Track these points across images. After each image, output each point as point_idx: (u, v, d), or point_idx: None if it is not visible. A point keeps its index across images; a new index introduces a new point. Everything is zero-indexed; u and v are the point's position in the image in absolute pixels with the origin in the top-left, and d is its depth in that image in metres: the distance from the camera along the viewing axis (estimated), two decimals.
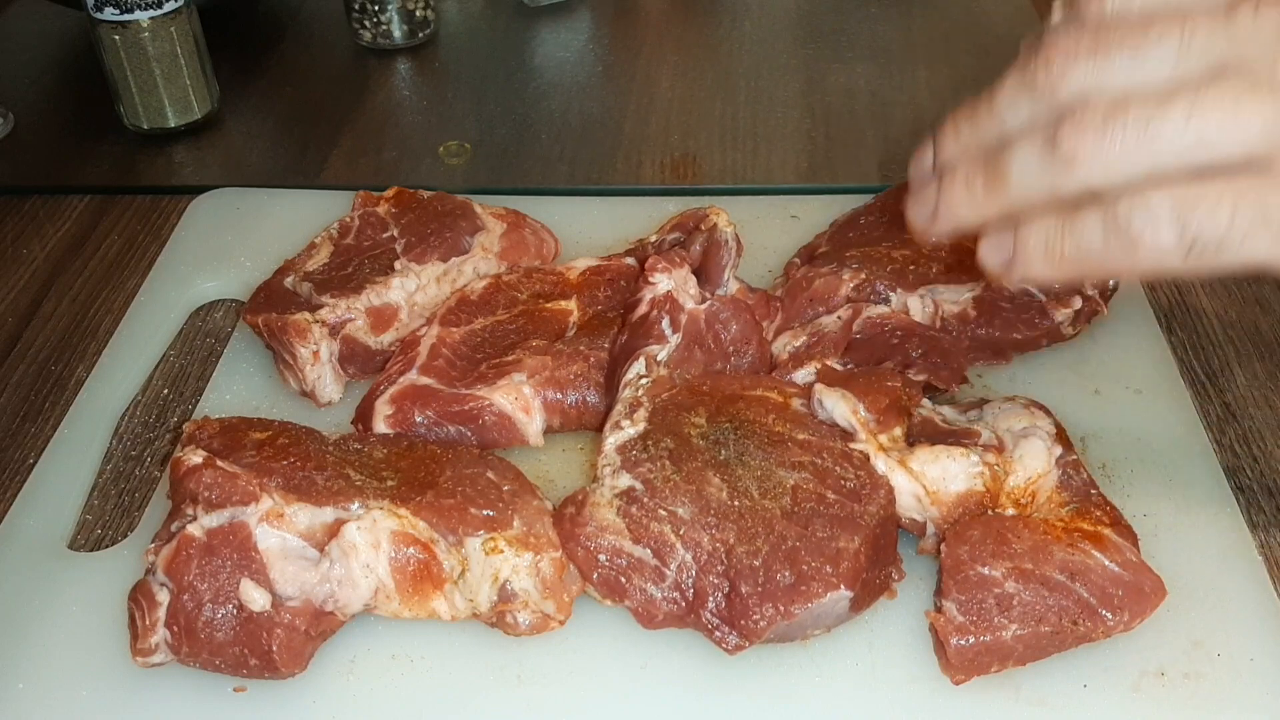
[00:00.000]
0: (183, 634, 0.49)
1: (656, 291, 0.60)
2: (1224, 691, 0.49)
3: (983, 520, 0.52)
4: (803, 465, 0.54)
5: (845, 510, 0.52)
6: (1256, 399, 0.65)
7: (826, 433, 0.55)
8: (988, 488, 0.53)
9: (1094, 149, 0.40)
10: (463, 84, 0.97)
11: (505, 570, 0.51)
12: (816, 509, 0.52)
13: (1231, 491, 0.58)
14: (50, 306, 0.75)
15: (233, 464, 0.52)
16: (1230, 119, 0.38)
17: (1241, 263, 0.39)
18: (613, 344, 0.61)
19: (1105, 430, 0.61)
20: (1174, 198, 0.39)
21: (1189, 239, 0.39)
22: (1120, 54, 0.41)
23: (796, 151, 0.87)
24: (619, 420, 0.56)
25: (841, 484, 0.53)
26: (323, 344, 0.62)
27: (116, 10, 0.83)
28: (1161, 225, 0.39)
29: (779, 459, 0.54)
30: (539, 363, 0.60)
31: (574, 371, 0.60)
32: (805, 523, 0.51)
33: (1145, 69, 0.40)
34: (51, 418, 0.66)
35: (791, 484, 0.53)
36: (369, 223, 0.69)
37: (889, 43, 1.00)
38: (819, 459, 0.54)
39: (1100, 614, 0.49)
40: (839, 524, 0.51)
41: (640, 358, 0.59)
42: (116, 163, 0.88)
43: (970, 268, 0.62)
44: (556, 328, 0.64)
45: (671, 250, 0.62)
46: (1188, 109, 0.39)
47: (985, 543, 0.51)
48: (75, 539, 0.59)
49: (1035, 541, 0.51)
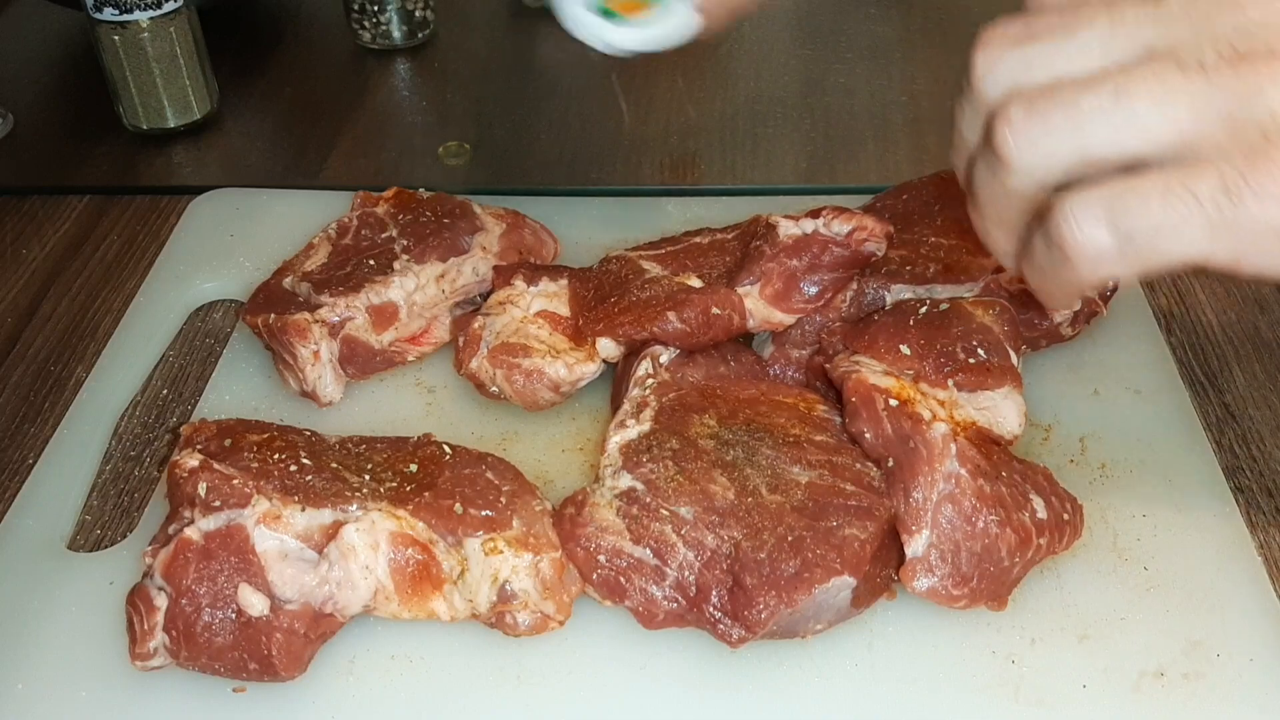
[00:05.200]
0: (181, 638, 0.49)
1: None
2: (1224, 691, 0.49)
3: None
4: (819, 464, 0.53)
5: (862, 501, 0.51)
6: (1256, 399, 0.65)
7: (848, 438, 0.55)
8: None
9: (1024, 139, 0.39)
10: (463, 84, 0.97)
11: (505, 571, 0.51)
12: (831, 502, 0.51)
13: (1231, 491, 0.58)
14: (49, 307, 0.75)
15: (230, 466, 0.52)
16: (1158, 100, 0.37)
17: (1180, 258, 0.38)
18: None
19: (1105, 430, 0.61)
20: (1103, 195, 0.38)
21: (1122, 235, 0.38)
22: (1048, 41, 0.40)
23: (796, 151, 0.87)
24: (624, 420, 0.56)
25: (862, 478, 0.53)
26: (323, 344, 0.62)
27: (116, 10, 0.83)
28: (1094, 224, 0.38)
29: (793, 458, 0.53)
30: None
31: None
32: (817, 515, 0.51)
33: (1073, 56, 0.39)
34: (51, 418, 0.66)
35: (805, 481, 0.52)
36: (367, 223, 0.69)
37: (889, 43, 1.00)
38: (837, 457, 0.53)
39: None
40: (852, 514, 0.51)
41: (647, 357, 0.59)
42: (116, 163, 0.88)
43: (969, 268, 0.63)
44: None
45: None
46: (1115, 90, 0.38)
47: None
48: (74, 539, 0.59)
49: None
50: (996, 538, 0.50)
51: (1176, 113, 0.37)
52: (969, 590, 0.51)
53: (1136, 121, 0.37)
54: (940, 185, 0.69)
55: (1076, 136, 0.38)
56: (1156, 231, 0.37)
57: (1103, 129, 0.38)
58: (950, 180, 0.69)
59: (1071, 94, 0.38)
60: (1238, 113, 0.36)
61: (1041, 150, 0.39)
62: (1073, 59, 0.39)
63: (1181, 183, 0.37)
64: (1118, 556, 0.54)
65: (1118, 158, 0.38)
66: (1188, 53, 0.37)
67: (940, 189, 0.69)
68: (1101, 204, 0.38)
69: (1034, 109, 0.39)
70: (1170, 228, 0.37)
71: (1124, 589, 0.53)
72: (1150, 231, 0.37)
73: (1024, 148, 0.39)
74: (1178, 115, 0.37)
